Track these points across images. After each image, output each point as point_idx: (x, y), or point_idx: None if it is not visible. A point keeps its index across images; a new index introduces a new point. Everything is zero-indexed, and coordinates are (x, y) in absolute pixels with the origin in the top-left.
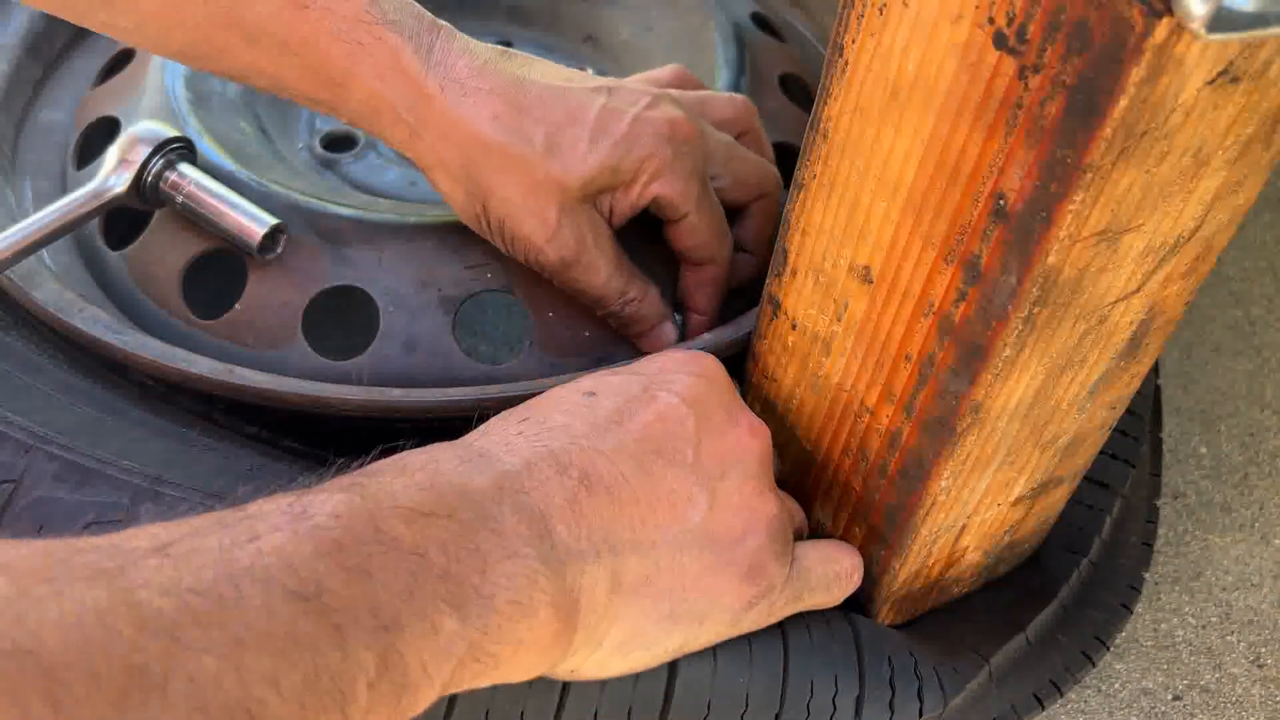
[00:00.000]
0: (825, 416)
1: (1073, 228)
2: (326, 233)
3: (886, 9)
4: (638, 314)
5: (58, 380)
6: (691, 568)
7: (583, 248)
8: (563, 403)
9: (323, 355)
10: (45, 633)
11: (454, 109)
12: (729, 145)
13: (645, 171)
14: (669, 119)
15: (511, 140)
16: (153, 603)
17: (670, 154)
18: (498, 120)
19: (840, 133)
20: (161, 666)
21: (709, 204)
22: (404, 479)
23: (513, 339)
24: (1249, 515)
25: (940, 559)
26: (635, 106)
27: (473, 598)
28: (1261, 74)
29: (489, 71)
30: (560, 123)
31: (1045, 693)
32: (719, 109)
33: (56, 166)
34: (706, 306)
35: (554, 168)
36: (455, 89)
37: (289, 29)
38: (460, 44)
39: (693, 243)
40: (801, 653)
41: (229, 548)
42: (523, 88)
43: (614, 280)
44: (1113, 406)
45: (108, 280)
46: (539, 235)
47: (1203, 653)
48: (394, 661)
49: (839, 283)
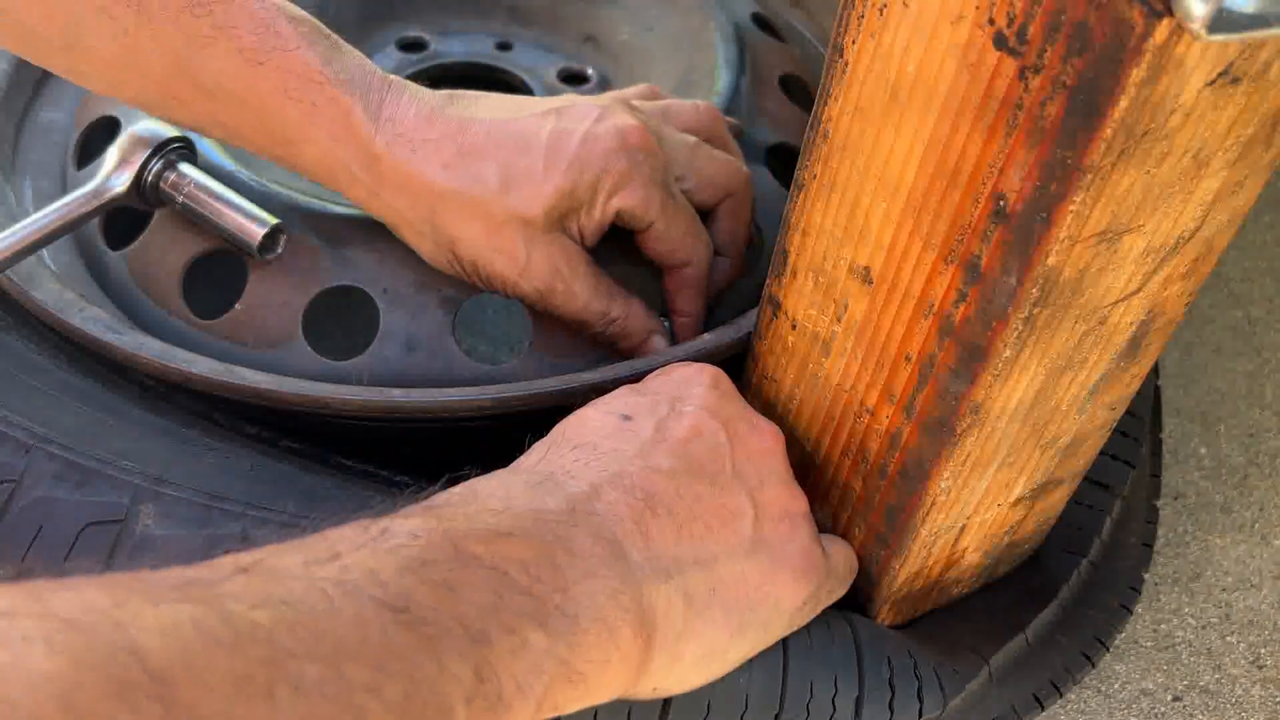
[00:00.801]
0: (825, 417)
1: (1073, 228)
2: (326, 233)
3: (886, 9)
4: (623, 331)
5: (58, 380)
6: (752, 576)
7: (557, 277)
8: (603, 427)
9: (323, 355)
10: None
11: (405, 164)
12: (692, 146)
13: (603, 188)
14: (618, 130)
15: (465, 185)
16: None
17: (625, 165)
18: (448, 169)
19: (840, 133)
20: (265, 675)
21: (674, 208)
22: (476, 504)
23: (513, 339)
24: (1249, 516)
25: (940, 559)
26: (583, 123)
27: (556, 615)
28: (1262, 75)
29: (436, 120)
30: (512, 157)
31: (1045, 693)
32: (683, 116)
33: (56, 166)
34: (690, 308)
35: (512, 203)
36: (403, 145)
37: (244, 85)
38: (409, 96)
39: (665, 248)
40: (801, 653)
41: (311, 564)
42: (470, 130)
43: (593, 303)
44: (1113, 407)
45: (108, 280)
46: (511, 272)
47: (1202, 653)
48: (488, 676)
49: (839, 283)
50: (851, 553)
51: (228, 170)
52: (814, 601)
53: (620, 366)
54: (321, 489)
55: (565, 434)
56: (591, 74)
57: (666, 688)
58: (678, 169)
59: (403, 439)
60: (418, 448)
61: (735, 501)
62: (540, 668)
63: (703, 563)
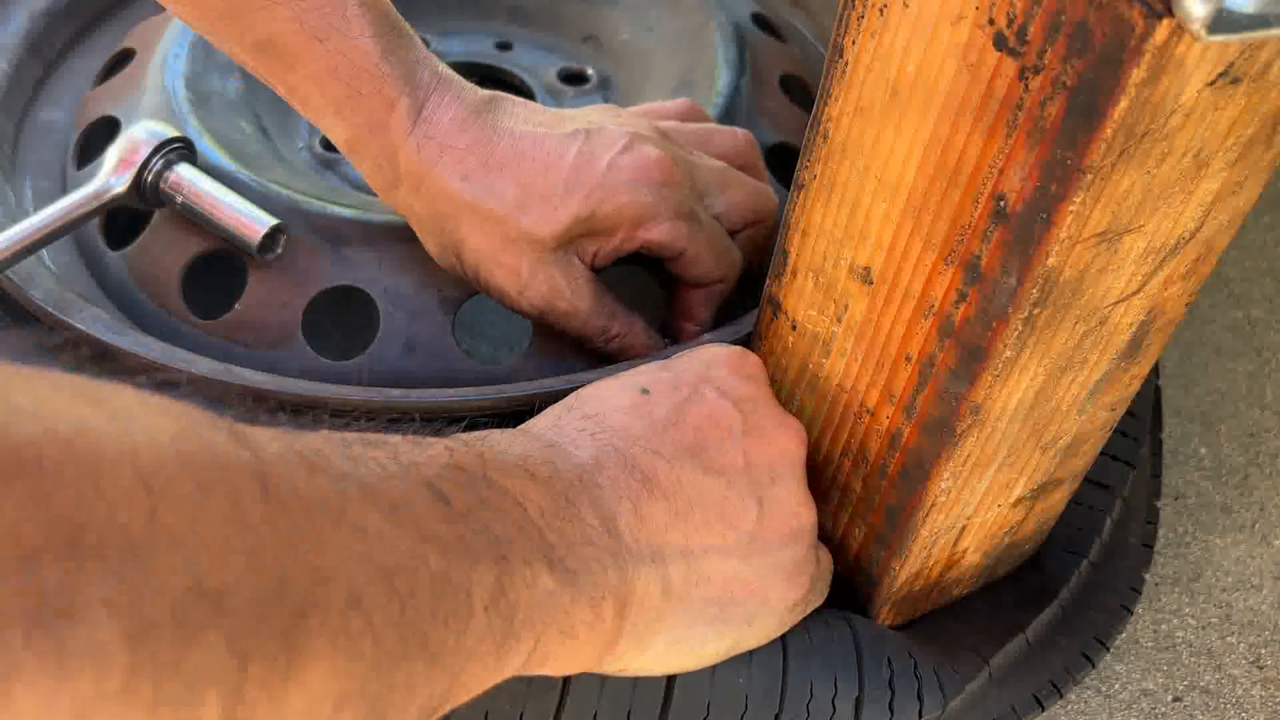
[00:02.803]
0: (825, 417)
1: (1073, 229)
2: (326, 233)
3: (887, 10)
4: (623, 347)
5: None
6: (742, 574)
7: (557, 296)
8: (619, 400)
9: (323, 355)
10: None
11: (429, 167)
12: (723, 170)
13: (625, 220)
14: (644, 162)
15: (482, 198)
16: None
17: (650, 198)
18: (468, 179)
19: (840, 133)
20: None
21: (705, 234)
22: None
23: (513, 339)
24: (1249, 516)
25: (940, 560)
26: (611, 151)
27: (560, 567)
28: (1262, 75)
29: (470, 126)
30: (532, 175)
31: (1045, 694)
32: (720, 143)
33: (56, 166)
34: (704, 318)
35: (525, 222)
36: (432, 148)
37: (297, 54)
38: (452, 96)
39: (698, 272)
40: (801, 654)
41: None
42: (497, 142)
43: (593, 321)
44: (1113, 408)
45: (108, 280)
46: (511, 287)
47: (1203, 654)
48: (507, 590)
49: (839, 283)
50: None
51: (228, 170)
52: (804, 604)
53: (620, 366)
54: None
55: (580, 402)
56: (591, 74)
57: (634, 669)
58: (707, 192)
59: None
60: None
61: (740, 499)
62: (544, 607)
63: (691, 554)
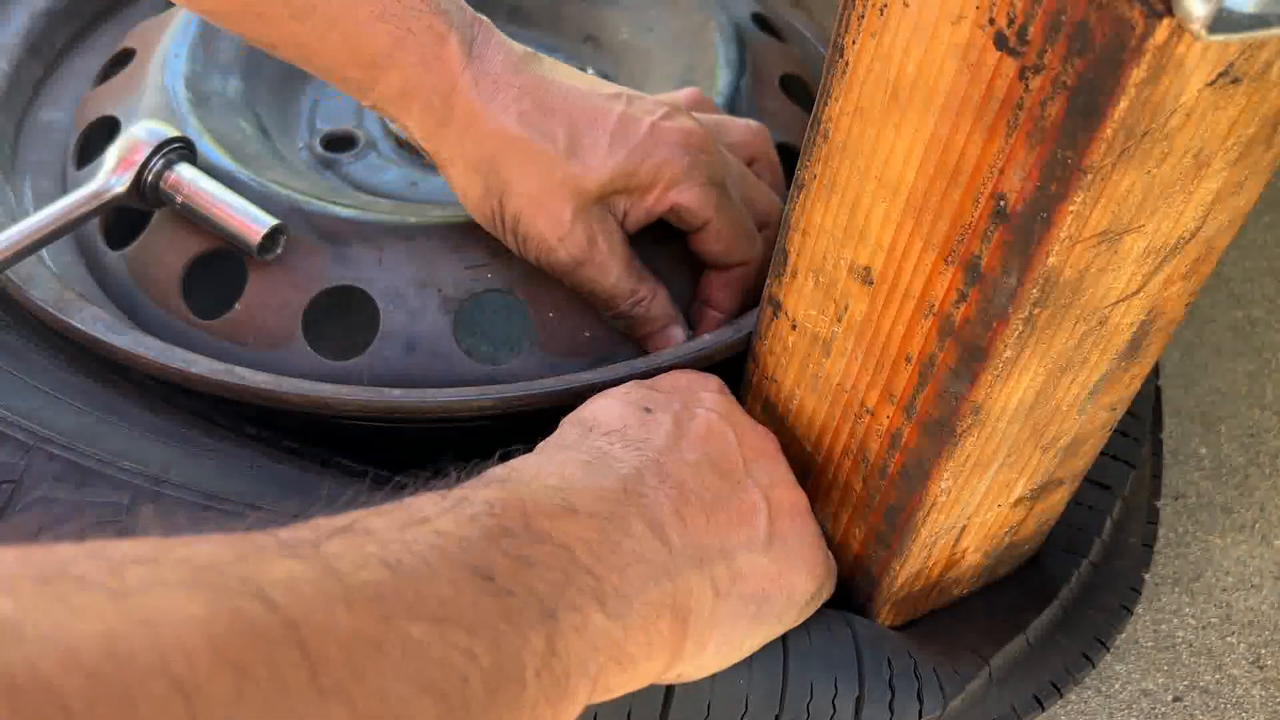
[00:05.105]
0: (825, 417)
1: (1073, 229)
2: (326, 233)
3: (887, 10)
4: (647, 314)
5: (58, 380)
6: (769, 569)
7: (594, 248)
8: (628, 417)
9: (323, 355)
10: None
11: (485, 103)
12: (740, 168)
13: (662, 179)
14: (684, 129)
15: (535, 137)
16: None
17: (687, 162)
18: (524, 117)
19: (841, 133)
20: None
21: (731, 208)
22: (537, 481)
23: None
24: (1249, 516)
25: (940, 560)
26: (653, 115)
27: (613, 596)
28: (1262, 75)
29: (521, 69)
30: (582, 125)
31: (1045, 694)
32: (733, 133)
33: (56, 166)
34: (727, 304)
35: (573, 168)
36: (488, 83)
37: (340, 6)
38: (498, 41)
39: (720, 248)
40: (801, 654)
41: (402, 527)
42: (549, 88)
43: (624, 281)
44: (1113, 408)
45: (108, 280)
46: (552, 234)
47: (1203, 654)
48: (558, 646)
49: (839, 283)
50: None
51: (228, 170)
52: (820, 594)
53: (620, 367)
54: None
55: (591, 420)
56: (591, 74)
57: (688, 675)
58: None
59: (403, 439)
60: (417, 448)
61: (751, 498)
62: (597, 647)
63: (727, 553)
